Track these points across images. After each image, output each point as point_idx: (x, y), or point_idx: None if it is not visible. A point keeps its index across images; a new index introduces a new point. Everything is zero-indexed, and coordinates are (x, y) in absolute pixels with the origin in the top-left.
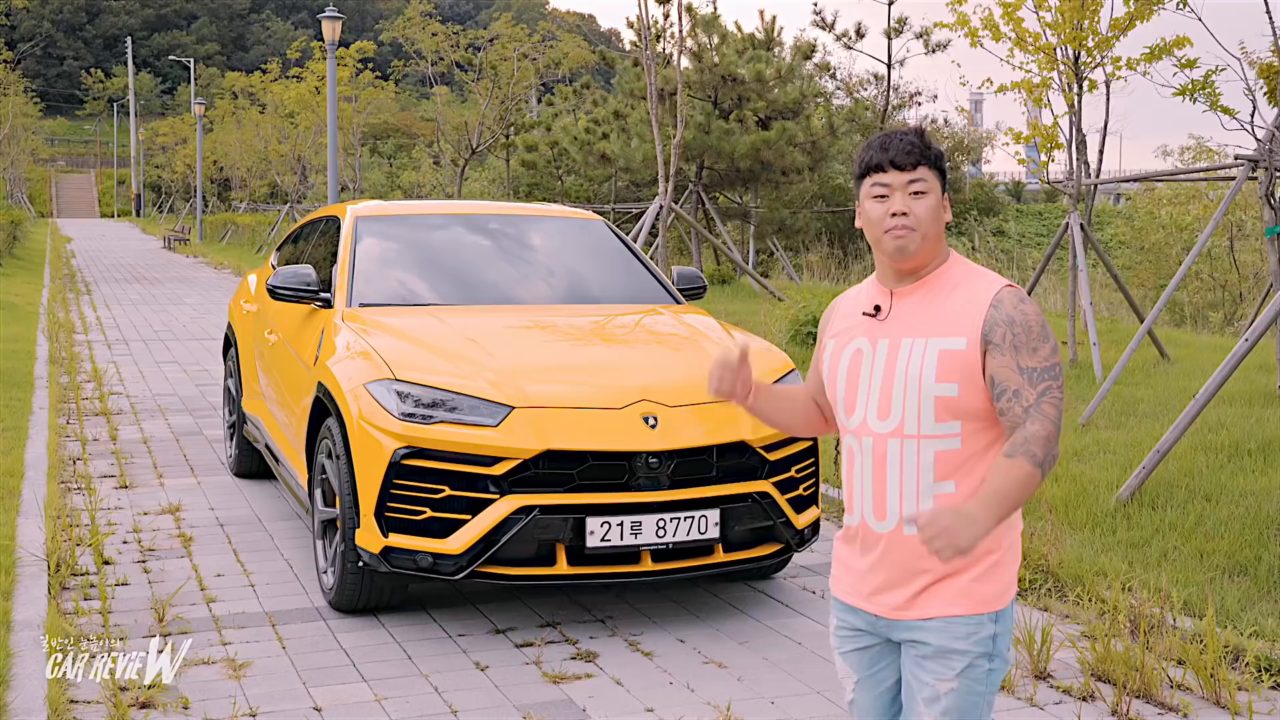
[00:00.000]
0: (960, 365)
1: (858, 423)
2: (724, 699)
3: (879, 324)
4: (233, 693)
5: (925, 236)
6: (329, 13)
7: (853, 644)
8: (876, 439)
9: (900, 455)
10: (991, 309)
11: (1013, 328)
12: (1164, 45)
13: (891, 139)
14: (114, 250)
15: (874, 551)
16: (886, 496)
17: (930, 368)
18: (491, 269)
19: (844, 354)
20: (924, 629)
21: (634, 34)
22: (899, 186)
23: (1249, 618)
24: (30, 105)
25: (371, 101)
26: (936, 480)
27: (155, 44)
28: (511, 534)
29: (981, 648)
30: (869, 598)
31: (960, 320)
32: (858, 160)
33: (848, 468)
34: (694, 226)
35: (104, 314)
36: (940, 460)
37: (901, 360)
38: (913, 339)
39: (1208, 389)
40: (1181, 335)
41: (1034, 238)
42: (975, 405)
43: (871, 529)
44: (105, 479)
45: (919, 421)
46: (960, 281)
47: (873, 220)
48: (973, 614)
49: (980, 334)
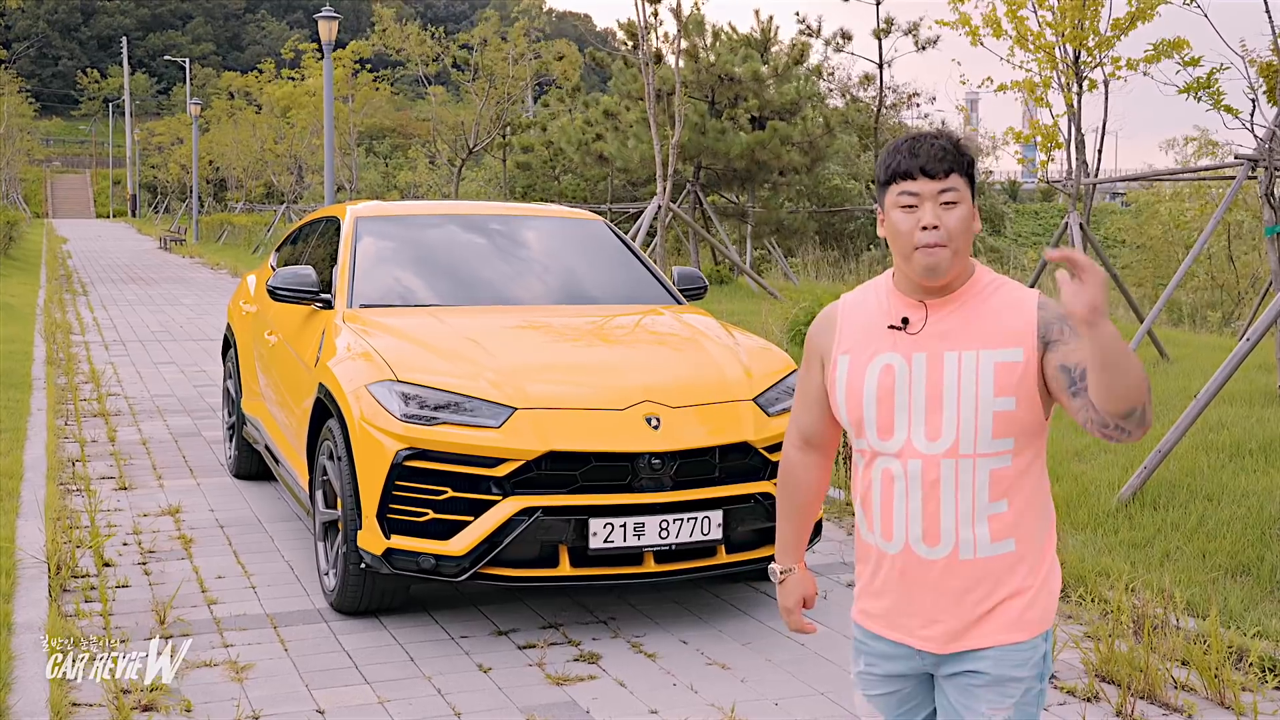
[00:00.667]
0: (1018, 378)
1: (899, 445)
2: (727, 700)
3: (910, 337)
4: (235, 695)
5: (957, 252)
6: (325, 12)
7: (884, 687)
8: (927, 461)
9: (955, 477)
10: (1040, 311)
11: (1065, 322)
12: (1166, 45)
13: (921, 143)
14: (110, 251)
15: (924, 581)
16: (940, 521)
17: (988, 381)
18: (492, 269)
19: (869, 371)
20: (980, 658)
21: (624, 35)
22: (929, 196)
23: (1252, 618)
24: (25, 105)
25: (368, 101)
26: (991, 500)
27: (150, 44)
28: (514, 535)
29: (1036, 670)
30: (915, 632)
31: (1011, 331)
32: (883, 165)
33: (883, 493)
34: (691, 226)
35: (101, 315)
36: (994, 479)
37: (950, 375)
38: (959, 351)
39: (1209, 389)
40: (1180, 335)
41: (1030, 237)
42: (1027, 420)
43: (921, 556)
44: (104, 480)
45: (975, 439)
46: (994, 290)
47: (901, 232)
48: (1029, 639)
49: (1036, 339)
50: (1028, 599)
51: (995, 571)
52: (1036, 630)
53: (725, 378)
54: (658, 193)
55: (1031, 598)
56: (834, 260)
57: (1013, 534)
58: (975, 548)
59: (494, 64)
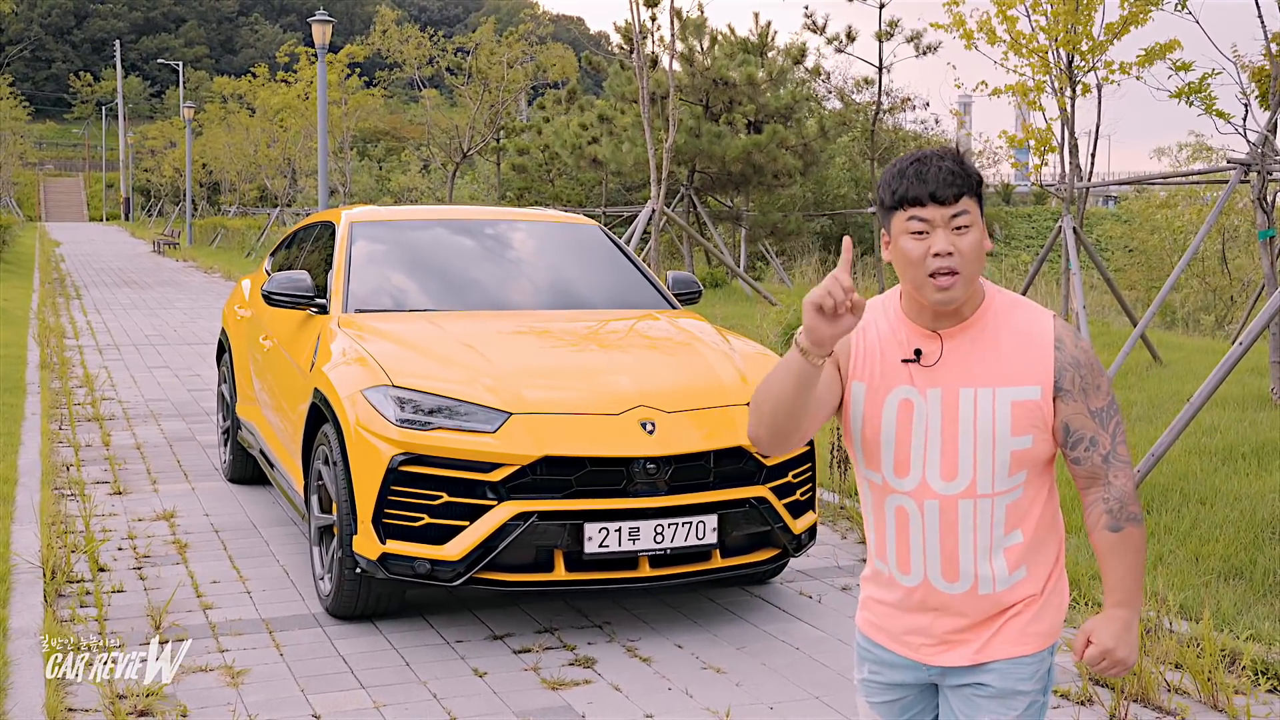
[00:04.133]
0: (1035, 416)
1: (914, 484)
2: (723, 704)
3: (926, 370)
4: (231, 700)
5: (970, 278)
6: (319, 16)
7: (888, 695)
8: (945, 502)
9: (974, 516)
10: (1056, 351)
11: (1079, 370)
12: (1159, 48)
13: (929, 166)
14: (103, 254)
15: (944, 612)
16: (959, 559)
17: (1004, 421)
18: (487, 274)
19: (886, 405)
20: (986, 671)
21: (621, 38)
22: (941, 223)
23: (1245, 621)
24: (18, 109)
25: (361, 105)
26: (1006, 534)
27: (144, 47)
28: (509, 540)
29: (1041, 684)
30: (921, 649)
31: (1028, 366)
32: (888, 188)
33: (898, 529)
34: (686, 230)
35: (94, 319)
36: (1010, 513)
37: (965, 414)
38: (975, 389)
39: (1202, 393)
40: (1173, 338)
41: (1023, 240)
42: (1042, 454)
43: (940, 591)
44: (99, 485)
45: (993, 479)
46: (1006, 316)
47: (912, 261)
48: (1035, 652)
49: (1053, 381)
50: (1034, 612)
51: (1016, 600)
52: (1043, 644)
53: (720, 382)
54: (652, 196)
55: (1038, 611)
56: (831, 264)
57: (1026, 560)
58: (994, 582)
59: (488, 67)
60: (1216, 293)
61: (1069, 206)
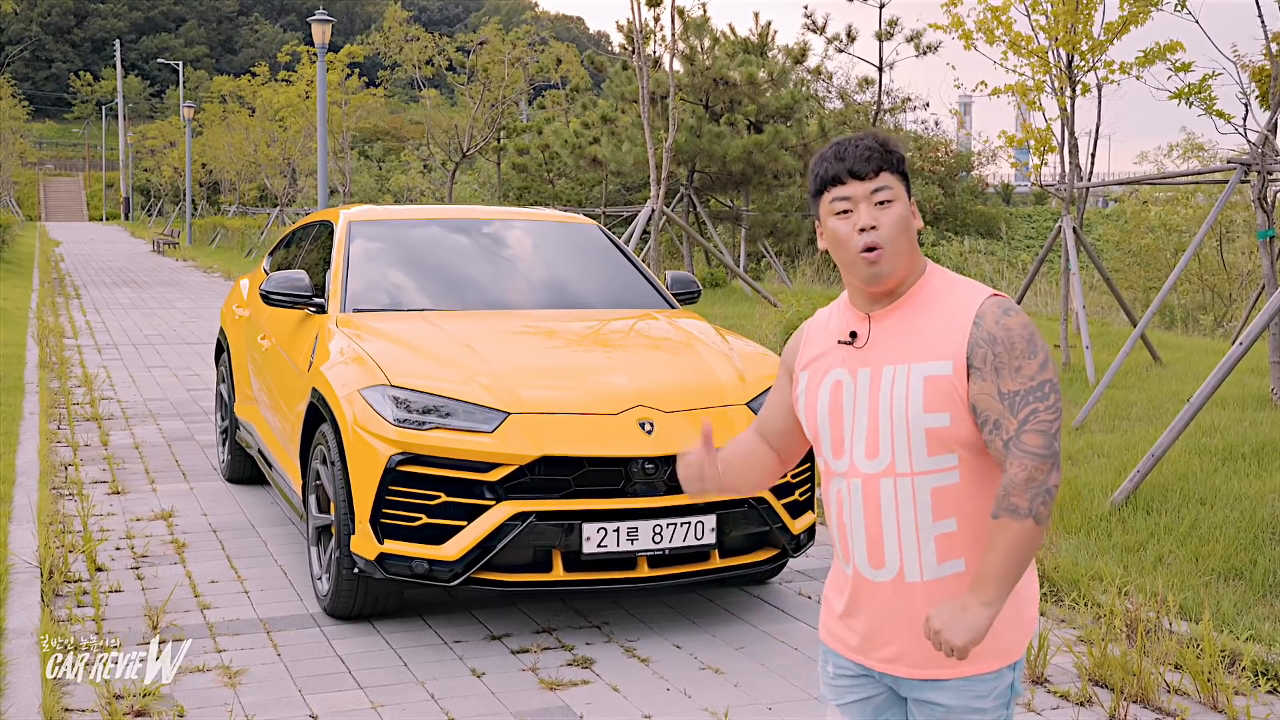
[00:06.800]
0: (948, 392)
1: (846, 465)
2: (721, 705)
3: (857, 352)
4: (228, 700)
5: (898, 253)
6: (319, 16)
7: (854, 694)
8: (866, 480)
9: (895, 497)
10: (973, 326)
11: (994, 346)
12: (1158, 49)
13: (846, 146)
14: (103, 254)
15: (873, 604)
16: (884, 543)
17: (916, 396)
18: (486, 274)
19: (822, 388)
20: (941, 688)
21: (623, 37)
22: (862, 198)
23: (1245, 622)
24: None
25: (361, 105)
26: (936, 520)
27: (144, 47)
28: (507, 540)
29: (1001, 699)
30: (870, 654)
31: (943, 341)
32: (813, 174)
33: (836, 513)
34: (686, 230)
35: (94, 318)
36: (938, 497)
37: (885, 391)
38: (895, 366)
39: (1202, 393)
40: (1172, 338)
41: (1023, 240)
42: (970, 434)
43: (867, 579)
44: (97, 485)
45: (910, 458)
46: (940, 295)
47: (840, 240)
48: (993, 670)
49: (965, 357)
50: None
51: (948, 595)
52: (1001, 662)
53: (719, 382)
54: (652, 196)
55: (995, 628)
56: (831, 263)
57: (964, 554)
58: (921, 570)
59: (489, 66)
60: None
61: (1069, 207)
